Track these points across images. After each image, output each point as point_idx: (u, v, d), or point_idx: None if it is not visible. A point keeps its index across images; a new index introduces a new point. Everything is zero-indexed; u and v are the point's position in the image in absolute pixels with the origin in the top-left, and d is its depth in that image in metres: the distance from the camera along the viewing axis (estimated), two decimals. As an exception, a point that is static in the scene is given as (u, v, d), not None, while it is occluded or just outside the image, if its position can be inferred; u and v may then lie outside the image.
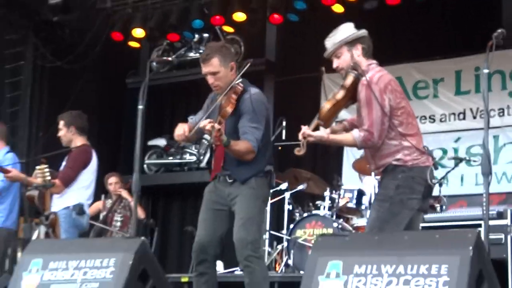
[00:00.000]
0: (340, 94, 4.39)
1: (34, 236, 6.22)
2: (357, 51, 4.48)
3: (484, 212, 4.01)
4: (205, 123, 4.51)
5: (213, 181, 4.90)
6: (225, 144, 4.55)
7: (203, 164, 10.35)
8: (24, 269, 4.18)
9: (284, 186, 8.10)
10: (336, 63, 4.52)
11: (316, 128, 4.43)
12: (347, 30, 4.55)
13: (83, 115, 6.78)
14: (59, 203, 6.40)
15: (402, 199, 4.23)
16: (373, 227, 4.33)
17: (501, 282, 3.53)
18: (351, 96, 4.40)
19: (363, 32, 4.56)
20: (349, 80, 4.37)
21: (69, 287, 3.92)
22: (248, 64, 5.00)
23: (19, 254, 6.42)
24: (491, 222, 4.62)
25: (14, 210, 7.04)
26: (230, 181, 4.76)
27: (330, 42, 4.54)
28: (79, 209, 6.43)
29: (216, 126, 4.43)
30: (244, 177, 4.71)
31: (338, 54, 4.50)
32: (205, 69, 4.85)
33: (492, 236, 4.77)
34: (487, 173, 4.24)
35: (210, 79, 4.83)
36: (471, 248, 2.88)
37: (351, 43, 4.48)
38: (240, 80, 4.87)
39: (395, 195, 4.24)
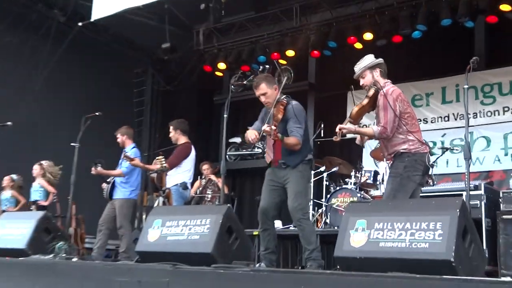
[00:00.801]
0: (365, 101, 4.38)
1: (155, 204, 6.33)
2: (376, 73, 4.47)
3: (466, 185, 3.94)
4: (265, 127, 4.56)
5: (271, 167, 4.90)
6: (281, 139, 4.60)
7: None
8: (149, 226, 4.23)
9: (322, 168, 8.06)
10: (362, 82, 4.54)
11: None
12: (369, 58, 4.55)
13: (185, 121, 6.84)
14: (171, 182, 6.48)
15: (408, 175, 4.20)
16: (389, 195, 4.31)
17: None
18: (372, 103, 4.39)
19: (380, 60, 4.55)
20: (371, 92, 4.36)
21: (179, 238, 3.94)
22: (282, 85, 5.00)
23: (144, 217, 6.53)
24: (470, 193, 4.51)
25: (137, 187, 7.14)
26: (284, 167, 4.76)
27: (357, 67, 4.54)
28: (184, 186, 6.50)
29: (273, 127, 4.50)
30: (294, 163, 4.72)
31: (363, 75, 4.50)
32: (257, 92, 4.91)
33: (471, 202, 4.68)
34: (468, 157, 4.18)
35: (262, 98, 4.89)
36: (458, 210, 2.83)
37: (372, 67, 4.48)
38: (284, 96, 4.89)
39: (404, 173, 4.21)
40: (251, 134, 4.76)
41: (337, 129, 4.29)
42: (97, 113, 6.89)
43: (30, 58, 10.36)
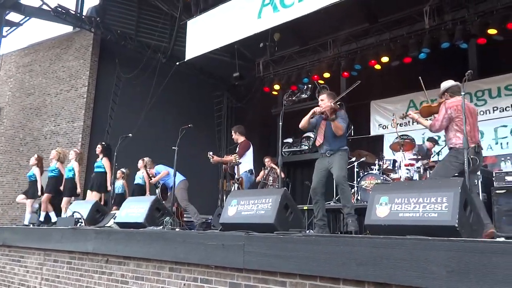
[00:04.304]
0: (434, 104, 4.48)
1: (232, 189, 6.32)
2: (448, 91, 4.46)
3: (465, 168, 3.72)
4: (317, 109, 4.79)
5: (321, 157, 4.83)
6: (332, 119, 4.73)
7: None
8: (229, 204, 4.09)
9: (353, 159, 7.82)
10: (439, 98, 4.54)
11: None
12: (446, 83, 4.54)
13: (241, 126, 6.67)
14: (242, 169, 6.37)
15: (450, 161, 4.16)
16: (435, 175, 4.32)
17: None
18: (438, 109, 4.42)
19: (456, 84, 4.49)
20: (441, 100, 4.44)
21: (250, 213, 3.84)
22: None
23: (224, 198, 6.44)
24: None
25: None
26: (329, 155, 4.71)
27: (441, 88, 4.55)
28: (251, 171, 6.37)
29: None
30: (337, 147, 4.71)
31: (439, 95, 4.55)
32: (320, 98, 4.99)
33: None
34: (466, 147, 3.91)
35: (321, 103, 4.93)
36: (459, 187, 2.68)
37: (447, 89, 4.49)
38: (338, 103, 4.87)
39: (448, 160, 4.20)
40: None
41: (404, 114, 4.49)
42: (189, 125, 6.97)
43: (142, 89, 10.76)
